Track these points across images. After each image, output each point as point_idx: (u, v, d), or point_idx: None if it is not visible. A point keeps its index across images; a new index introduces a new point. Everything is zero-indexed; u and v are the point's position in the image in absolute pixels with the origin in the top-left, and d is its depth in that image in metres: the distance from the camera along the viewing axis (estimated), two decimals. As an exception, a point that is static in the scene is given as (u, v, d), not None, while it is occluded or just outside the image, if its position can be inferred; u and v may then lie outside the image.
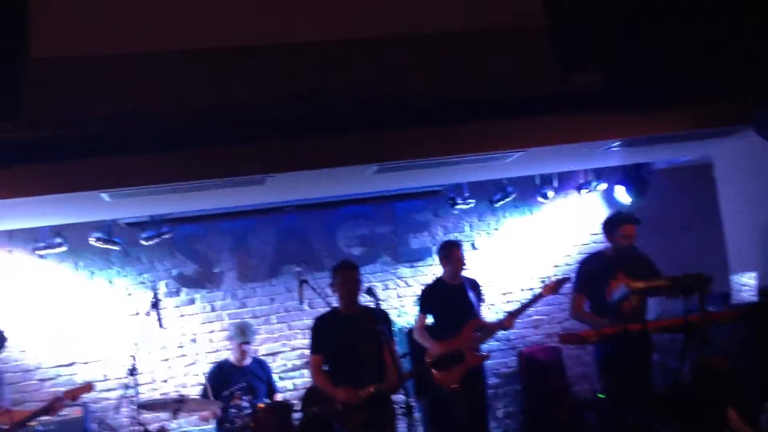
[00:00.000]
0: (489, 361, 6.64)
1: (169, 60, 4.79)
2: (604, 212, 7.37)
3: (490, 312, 7.06)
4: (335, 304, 6.39)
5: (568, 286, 6.48)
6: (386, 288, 7.32)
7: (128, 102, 4.90)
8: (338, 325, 5.34)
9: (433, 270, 7.21)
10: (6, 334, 5.73)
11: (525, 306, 6.25)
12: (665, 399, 3.14)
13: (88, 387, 5.82)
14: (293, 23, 4.93)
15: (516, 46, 5.12)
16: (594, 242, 7.42)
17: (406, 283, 7.41)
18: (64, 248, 6.55)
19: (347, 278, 5.37)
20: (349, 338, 5.22)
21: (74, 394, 5.63)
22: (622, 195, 7.36)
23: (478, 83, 5.21)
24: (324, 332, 5.39)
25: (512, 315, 6.24)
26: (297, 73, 5.03)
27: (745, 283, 5.99)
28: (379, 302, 5.36)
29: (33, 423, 5.67)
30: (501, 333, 6.94)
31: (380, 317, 5.37)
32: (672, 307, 5.27)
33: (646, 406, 3.14)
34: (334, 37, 4.91)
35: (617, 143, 5.94)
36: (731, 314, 5.64)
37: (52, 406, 5.49)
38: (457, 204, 7.19)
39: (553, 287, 6.19)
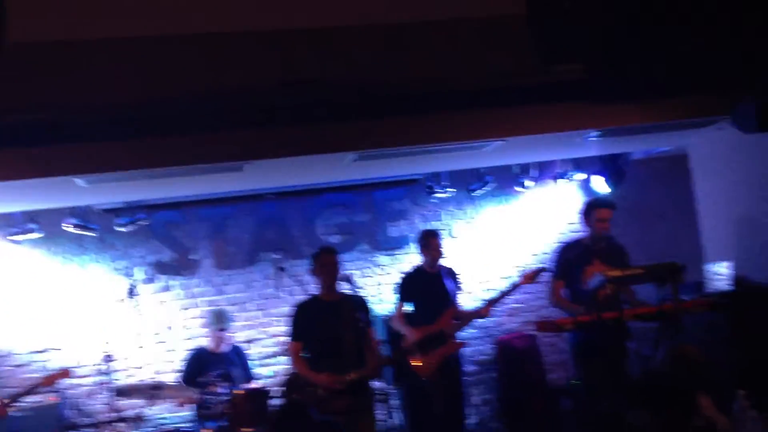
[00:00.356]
0: (466, 349, 6.67)
1: (146, 46, 4.74)
2: (581, 202, 7.40)
3: (469, 300, 7.08)
4: (313, 292, 6.41)
5: (545, 275, 6.52)
6: (364, 276, 7.32)
7: (104, 87, 4.84)
8: (319, 312, 5.33)
9: (411, 258, 7.22)
10: None
11: (502, 295, 6.28)
12: (638, 386, 3.18)
13: (65, 373, 5.80)
14: (272, 10, 4.90)
15: (496, 36, 5.12)
16: (571, 231, 7.46)
17: (384, 270, 7.42)
18: (38, 234, 6.48)
19: (327, 263, 5.37)
20: (329, 325, 5.21)
21: (52, 379, 5.62)
22: (599, 185, 7.41)
23: (458, 73, 5.21)
24: (304, 319, 5.38)
25: (489, 303, 6.27)
26: (274, 61, 4.99)
27: (719, 273, 6.07)
28: (357, 290, 5.38)
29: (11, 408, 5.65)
30: (478, 321, 6.98)
31: (359, 304, 5.39)
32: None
33: (620, 394, 3.18)
34: (312, 25, 4.88)
35: (595, 133, 5.97)
36: (705, 303, 5.71)
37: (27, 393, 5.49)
38: (436, 192, 7.20)
39: (530, 276, 6.22)
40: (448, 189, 7.20)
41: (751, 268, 5.98)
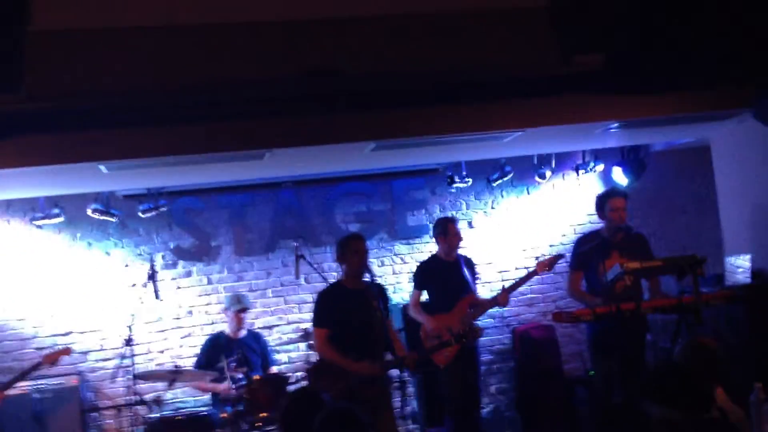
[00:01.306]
0: (483, 338, 6.71)
1: (171, 34, 4.79)
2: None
3: (486, 290, 7.11)
4: (332, 279, 6.44)
5: (562, 264, 6.53)
6: (382, 264, 7.36)
7: (129, 75, 4.89)
8: (345, 299, 5.30)
9: (429, 247, 7.25)
10: None
11: (519, 282, 6.28)
12: (653, 377, 3.19)
13: (66, 351, 5.91)
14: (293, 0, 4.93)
15: (518, 27, 5.12)
16: (590, 222, 7.44)
17: (402, 260, 7.45)
18: (61, 219, 6.57)
19: (359, 248, 5.32)
20: (357, 312, 5.18)
21: (53, 357, 5.72)
22: (620, 176, 7.38)
23: (478, 63, 5.21)
24: (331, 305, 5.35)
25: (506, 291, 6.27)
26: (297, 50, 5.02)
27: (740, 265, 6.04)
28: (375, 278, 5.41)
29: (28, 390, 5.76)
30: (495, 310, 7.00)
31: (381, 292, 5.41)
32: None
33: (636, 385, 3.19)
34: (335, 14, 4.90)
35: (615, 125, 5.95)
36: (725, 296, 5.70)
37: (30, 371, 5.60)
38: (455, 182, 7.20)
39: (547, 264, 6.21)
40: (467, 179, 7.20)
41: (770, 262, 5.96)
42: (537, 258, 6.30)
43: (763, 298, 5.63)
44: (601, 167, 7.43)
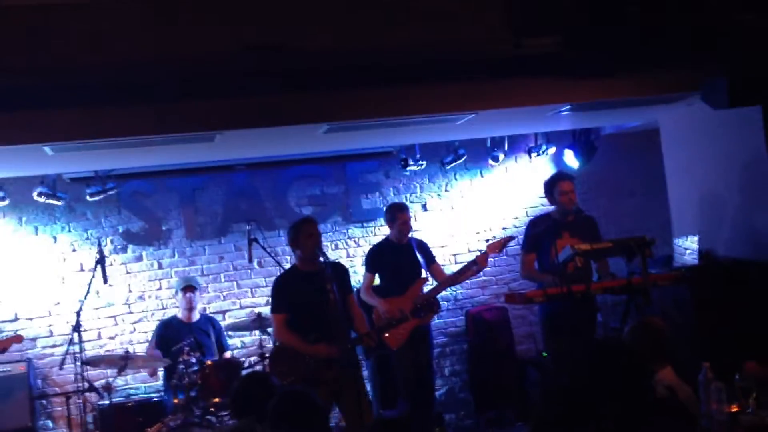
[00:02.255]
0: (436, 320, 6.75)
1: (115, 9, 4.67)
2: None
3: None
4: (285, 263, 6.41)
5: (514, 246, 6.59)
6: (336, 248, 7.34)
7: (73, 54, 4.77)
8: (301, 283, 5.28)
9: (383, 230, 7.23)
10: None
11: (470, 264, 6.31)
12: (602, 357, 3.23)
13: (17, 338, 5.82)
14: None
15: (471, 8, 5.11)
16: (543, 205, 7.50)
17: (356, 243, 7.43)
18: (6, 202, 6.40)
19: (312, 232, 5.31)
20: (313, 294, 5.15)
21: (3, 345, 5.61)
22: (571, 159, 7.46)
23: (430, 45, 5.19)
24: (286, 290, 5.33)
25: (458, 274, 6.32)
26: (248, 29, 4.94)
27: (687, 247, 6.15)
28: (329, 260, 5.38)
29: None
30: (449, 292, 7.05)
31: (340, 271, 5.39)
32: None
33: (586, 365, 3.23)
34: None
35: (567, 107, 5.99)
36: (672, 276, 5.82)
37: None
38: (409, 165, 7.20)
39: (497, 246, 6.26)
40: (421, 162, 7.20)
41: (717, 243, 6.07)
42: (487, 240, 6.32)
43: (709, 279, 5.74)
44: (552, 150, 7.50)
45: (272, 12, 4.88)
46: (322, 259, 5.18)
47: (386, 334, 5.93)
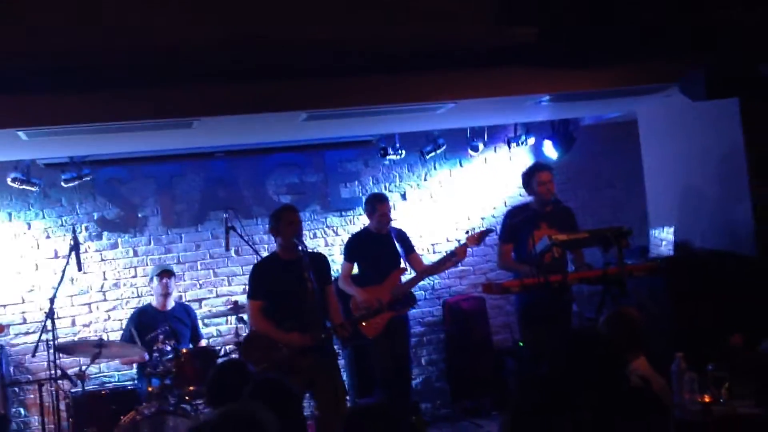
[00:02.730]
0: (414, 310, 6.74)
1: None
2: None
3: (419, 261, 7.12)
4: (263, 251, 6.38)
5: (492, 238, 6.60)
6: (315, 237, 7.31)
7: (47, 37, 4.70)
8: (279, 271, 5.26)
9: (362, 219, 7.23)
10: None
11: (449, 256, 6.31)
12: (577, 347, 3.24)
13: None
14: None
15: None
16: (521, 195, 7.48)
17: (335, 232, 7.41)
18: (-22, 188, 6.32)
19: (293, 220, 5.29)
20: (290, 283, 5.14)
21: None
22: (550, 150, 7.47)
23: (411, 33, 5.17)
24: (264, 277, 5.32)
25: (437, 265, 6.33)
26: (228, 16, 4.90)
27: (663, 238, 6.19)
28: (307, 249, 5.36)
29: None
30: (426, 282, 7.06)
31: (320, 262, 5.37)
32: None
33: (562, 355, 3.25)
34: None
35: (546, 98, 6.00)
36: (648, 267, 5.86)
37: None
38: (388, 154, 7.18)
39: (476, 238, 6.26)
40: (400, 151, 7.18)
41: (693, 234, 6.11)
42: (467, 232, 6.32)
43: (685, 270, 5.78)
44: (532, 141, 7.51)
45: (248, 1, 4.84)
46: (301, 248, 5.15)
47: (363, 324, 5.92)
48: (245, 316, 5.80)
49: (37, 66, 4.74)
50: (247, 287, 5.47)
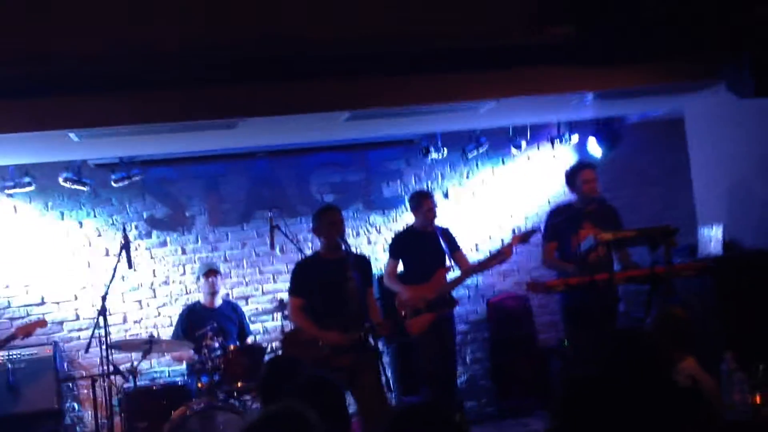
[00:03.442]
0: (459, 308, 6.74)
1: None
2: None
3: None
4: (306, 250, 6.44)
5: (536, 237, 6.56)
6: (357, 235, 7.36)
7: (99, 40, 4.82)
8: (321, 269, 5.32)
9: (404, 218, 7.27)
10: None
11: (494, 255, 6.30)
12: (624, 347, 3.23)
13: (41, 323, 5.86)
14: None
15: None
16: (565, 193, 7.43)
17: (377, 230, 7.45)
18: (32, 188, 6.48)
19: (335, 220, 5.35)
20: (332, 282, 5.20)
21: (27, 329, 5.67)
22: (594, 147, 7.41)
23: (453, 32, 5.18)
24: (306, 275, 5.37)
25: (482, 264, 6.32)
26: (272, 16, 4.96)
27: (712, 237, 6.10)
28: (350, 248, 5.41)
29: (1, 360, 5.73)
30: (470, 281, 7.05)
31: (361, 262, 5.42)
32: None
33: (607, 355, 3.24)
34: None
35: (590, 96, 5.96)
36: (696, 266, 5.77)
37: (4, 342, 5.59)
38: (430, 153, 7.19)
39: (521, 238, 6.23)
40: (442, 150, 7.19)
41: (742, 233, 6.02)
42: (513, 231, 6.31)
43: (733, 270, 5.70)
44: (576, 138, 7.45)
45: (293, 1, 4.90)
46: (344, 247, 5.20)
47: (408, 321, 5.93)
48: (289, 313, 5.87)
49: (88, 68, 4.85)
50: (289, 284, 5.55)
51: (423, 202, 6.28)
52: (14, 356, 6.03)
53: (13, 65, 4.64)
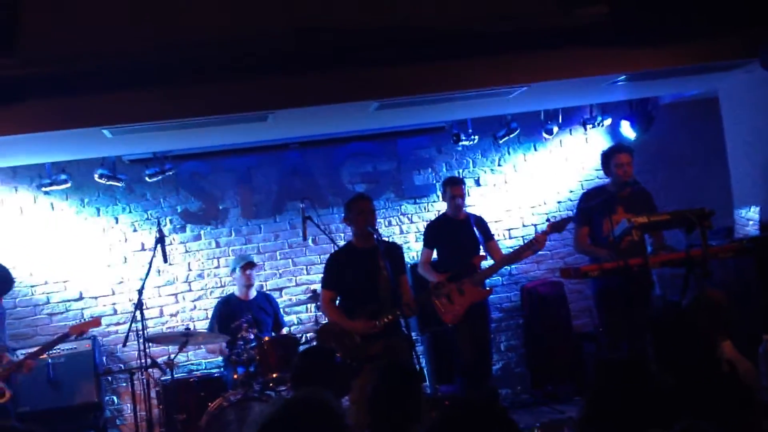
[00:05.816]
0: (492, 296, 6.71)
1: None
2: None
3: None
4: (339, 240, 6.46)
5: (571, 225, 6.50)
6: (390, 224, 7.36)
7: (128, 37, 4.86)
8: (353, 260, 5.37)
9: (436, 206, 7.25)
10: (12, 276, 5.82)
11: (529, 243, 6.24)
12: (660, 331, 3.19)
13: (95, 322, 5.94)
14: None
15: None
16: (599, 177, 7.37)
17: (409, 219, 7.44)
18: (68, 184, 6.59)
19: (364, 209, 5.38)
20: (364, 271, 5.25)
21: (81, 329, 5.76)
22: (628, 130, 7.31)
23: (481, 17, 5.14)
24: (338, 267, 5.44)
25: (517, 252, 6.28)
26: (299, 7, 4.97)
27: (749, 218, 5.99)
28: (381, 237, 5.42)
29: (43, 356, 5.84)
30: (504, 268, 7.02)
31: (394, 251, 5.44)
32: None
33: (642, 340, 3.20)
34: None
35: (622, 77, 5.87)
36: (733, 248, 5.66)
37: (58, 342, 5.69)
38: (461, 140, 7.15)
39: (557, 225, 6.16)
40: (473, 136, 7.15)
41: (781, 214, 5.90)
42: (548, 219, 6.25)
43: (772, 250, 5.59)
44: (608, 121, 7.36)
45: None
46: (376, 237, 5.21)
47: (442, 311, 5.92)
48: (323, 305, 5.90)
49: (118, 64, 4.90)
50: (322, 276, 5.59)
51: (447, 189, 6.28)
52: (55, 351, 6.12)
53: (42, 64, 4.71)
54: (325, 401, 2.14)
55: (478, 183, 7.52)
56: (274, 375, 5.52)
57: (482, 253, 6.31)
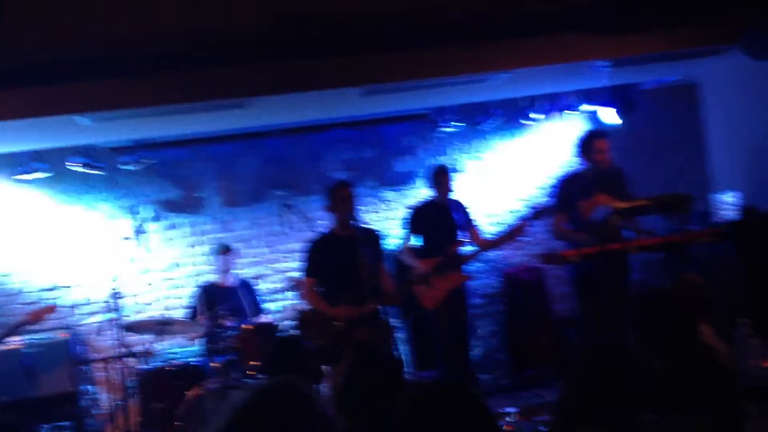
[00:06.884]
0: (473, 282, 6.70)
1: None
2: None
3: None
4: (320, 228, 6.41)
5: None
6: (371, 212, 7.32)
7: (103, 25, 4.80)
8: (333, 247, 5.35)
9: (417, 193, 7.22)
10: None
11: (511, 229, 6.22)
12: (638, 316, 3.18)
13: (50, 308, 5.89)
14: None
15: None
16: (579, 164, 7.37)
17: (390, 206, 7.40)
18: (44, 173, 6.49)
19: (346, 195, 5.36)
20: (344, 259, 5.21)
21: (37, 315, 5.69)
22: (609, 116, 7.30)
23: (464, 3, 5.11)
24: (318, 254, 5.41)
25: (499, 238, 6.26)
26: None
27: (727, 202, 6.02)
28: (363, 224, 5.38)
29: (18, 345, 5.76)
30: (484, 254, 6.99)
31: (373, 238, 5.41)
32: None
33: (621, 325, 3.19)
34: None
35: (605, 63, 5.86)
36: (712, 233, 5.69)
37: (16, 328, 5.60)
38: (442, 127, 7.13)
39: (536, 215, 6.13)
40: (454, 123, 7.12)
41: (760, 198, 5.93)
42: (526, 201, 6.23)
43: (751, 234, 5.62)
44: (589, 108, 7.35)
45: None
46: (356, 224, 5.17)
47: (421, 294, 5.90)
48: (303, 293, 5.86)
49: (94, 53, 4.84)
50: (302, 264, 5.54)
51: (441, 178, 6.25)
52: (30, 341, 6.05)
53: (18, 53, 4.64)
54: (295, 386, 2.10)
55: (459, 170, 7.49)
56: (254, 363, 5.48)
57: (462, 238, 6.29)
